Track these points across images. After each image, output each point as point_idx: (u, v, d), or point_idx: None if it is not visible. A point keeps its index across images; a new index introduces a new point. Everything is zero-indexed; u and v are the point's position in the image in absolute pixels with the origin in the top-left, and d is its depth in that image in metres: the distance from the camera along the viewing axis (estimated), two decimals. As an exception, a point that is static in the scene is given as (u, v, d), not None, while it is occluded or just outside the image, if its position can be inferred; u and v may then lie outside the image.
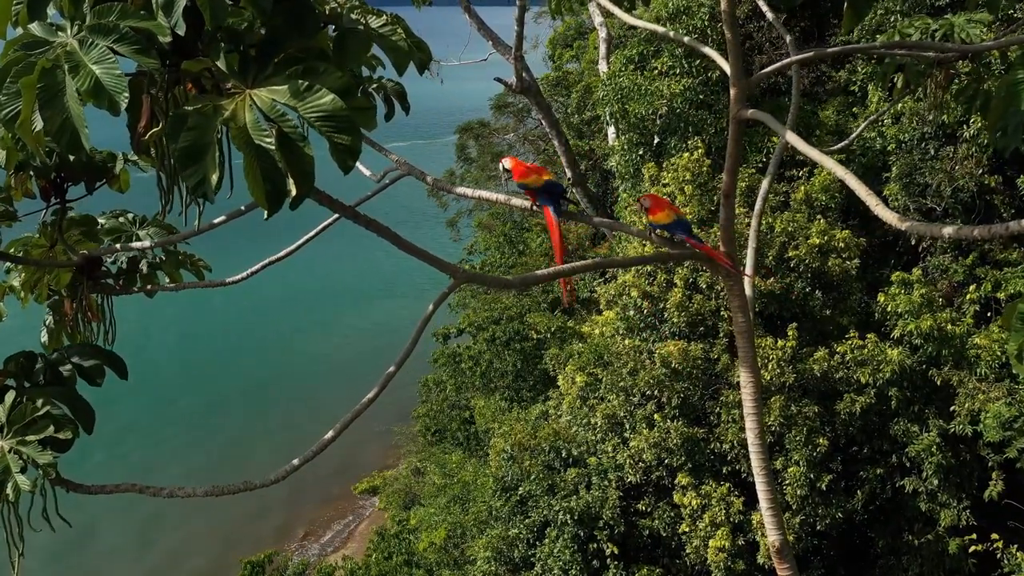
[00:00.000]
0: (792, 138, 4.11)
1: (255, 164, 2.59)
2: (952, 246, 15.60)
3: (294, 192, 2.63)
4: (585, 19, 31.20)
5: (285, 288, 41.51)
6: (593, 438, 15.26)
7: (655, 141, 17.39)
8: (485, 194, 5.62)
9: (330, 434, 3.56)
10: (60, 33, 2.73)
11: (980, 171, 15.05)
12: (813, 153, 3.97)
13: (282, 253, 5.14)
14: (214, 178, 2.61)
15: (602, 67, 20.84)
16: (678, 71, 16.80)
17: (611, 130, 18.39)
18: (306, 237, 5.29)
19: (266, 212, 2.68)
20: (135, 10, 2.69)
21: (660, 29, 6.13)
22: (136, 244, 4.35)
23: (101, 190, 4.50)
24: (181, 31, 2.72)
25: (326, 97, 2.60)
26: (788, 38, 6.85)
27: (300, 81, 2.62)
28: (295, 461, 3.56)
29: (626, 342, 15.04)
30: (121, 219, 4.95)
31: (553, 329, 19.96)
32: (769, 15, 7.01)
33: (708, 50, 5.58)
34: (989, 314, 15.12)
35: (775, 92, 17.77)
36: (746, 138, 16.62)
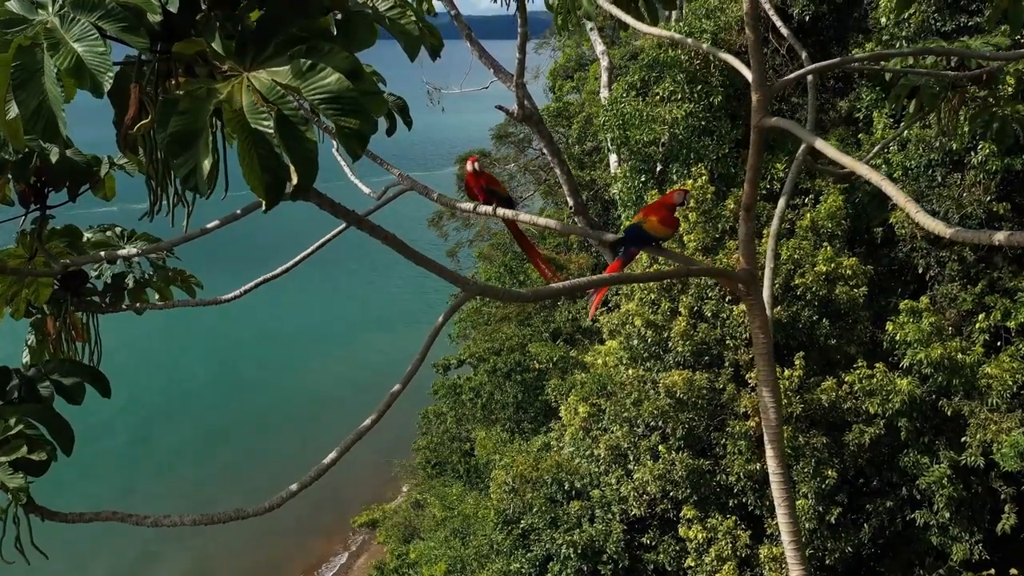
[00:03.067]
0: (821, 144, 3.87)
1: (252, 151, 2.34)
2: (960, 274, 15.39)
3: (295, 181, 2.38)
4: (586, 50, 31.21)
5: (285, 314, 41.27)
6: (596, 470, 14.99)
7: (658, 168, 17.21)
8: (483, 208, 5.42)
9: (331, 456, 3.29)
10: (41, 11, 2.50)
11: (988, 198, 14.86)
12: (845, 159, 3.73)
13: (278, 271, 4.89)
14: (206, 165, 2.35)
15: (603, 95, 20.71)
16: (680, 97, 16.65)
17: (613, 158, 18.20)
18: (304, 253, 5.04)
19: (264, 204, 2.43)
20: (123, -15, 2.46)
21: (677, 36, 5.91)
22: (122, 252, 4.07)
23: (86, 205, 4.23)
24: (174, 8, 2.49)
25: (331, 76, 2.35)
26: (804, 53, 6.64)
27: (303, 60, 2.38)
28: (293, 487, 3.28)
29: (630, 372, 14.81)
30: (108, 232, 4.69)
31: (555, 359, 19.72)
32: (783, 30, 6.81)
33: (728, 56, 5.35)
34: (999, 343, 14.88)
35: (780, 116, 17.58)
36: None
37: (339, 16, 2.77)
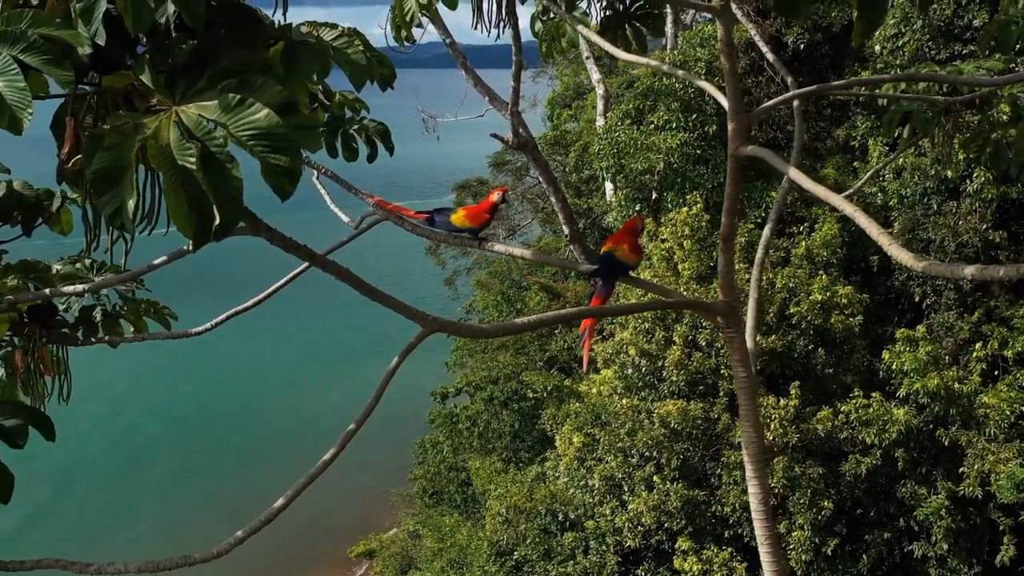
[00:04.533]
0: (796, 175, 3.79)
1: (179, 188, 2.24)
2: (957, 303, 15.30)
3: (218, 220, 2.28)
4: (584, 79, 31.28)
5: (261, 348, 40.93)
6: (591, 500, 14.83)
7: (653, 196, 17.17)
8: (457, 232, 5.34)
9: (280, 501, 3.18)
10: (-40, 45, 2.41)
11: (984, 226, 14.77)
12: (819, 190, 3.65)
13: (249, 303, 4.80)
14: (131, 205, 2.25)
15: (599, 123, 20.72)
16: (675, 125, 16.62)
17: (608, 186, 18.19)
18: (274, 287, 4.95)
19: (191, 244, 2.34)
20: (51, 18, 2.37)
21: (654, 63, 5.83)
22: (68, 288, 3.97)
23: (48, 237, 4.15)
24: (101, 40, 2.40)
25: (260, 112, 2.25)
26: (789, 79, 6.58)
27: (231, 95, 2.29)
28: (239, 533, 3.17)
29: (624, 401, 14.68)
30: (78, 265, 4.61)
31: (550, 388, 19.58)
32: (769, 56, 6.74)
33: (704, 84, 5.28)
34: (996, 372, 14.74)
35: (774, 146, 17.57)
36: (744, 192, 16.40)
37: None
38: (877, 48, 15.52)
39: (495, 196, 5.23)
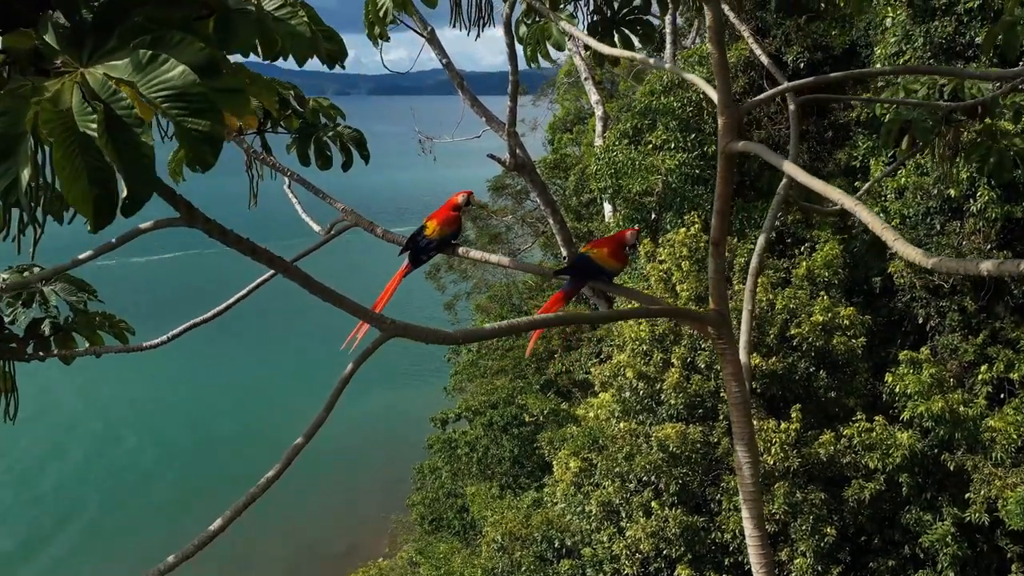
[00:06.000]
0: (789, 167, 3.52)
1: (77, 158, 1.96)
2: (961, 324, 15.03)
3: (124, 193, 2.01)
4: (584, 104, 31.22)
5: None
6: (588, 527, 14.49)
7: (652, 217, 16.94)
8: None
9: (217, 523, 2.88)
10: None
11: (989, 246, 14.53)
12: (816, 184, 3.38)
13: (208, 315, 4.52)
14: (26, 176, 1.98)
15: (597, 143, 20.54)
16: (673, 145, 16.41)
17: (607, 207, 17.96)
18: (236, 296, 4.67)
19: (90, 224, 2.05)
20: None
21: (639, 56, 5.55)
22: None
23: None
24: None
25: (175, 70, 1.97)
26: (784, 82, 6.32)
27: (143, 52, 2.02)
28: (171, 558, 2.87)
29: (621, 425, 14.38)
30: (27, 273, 4.34)
31: (546, 411, 19.32)
32: (764, 58, 6.50)
33: (692, 77, 5.00)
34: (1002, 395, 14.46)
35: (771, 168, 17.35)
36: (744, 212, 16.17)
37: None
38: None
39: (460, 197, 4.93)
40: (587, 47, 5.91)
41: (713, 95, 4.51)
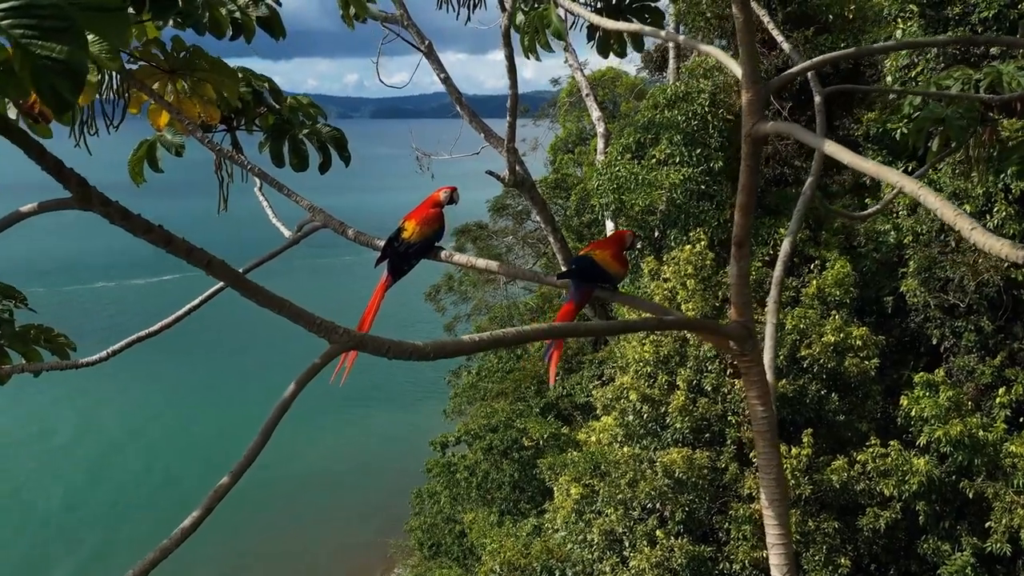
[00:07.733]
0: (832, 148, 2.98)
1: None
2: (978, 345, 14.48)
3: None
4: (586, 124, 30.81)
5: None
6: (589, 557, 13.95)
7: (655, 234, 16.43)
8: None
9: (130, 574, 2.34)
10: None
11: (1006, 264, 13.97)
12: (867, 165, 2.86)
13: (154, 328, 3.99)
14: None
15: (599, 159, 20.08)
16: (678, 159, 15.90)
17: (610, 224, 17.42)
18: (187, 308, 4.14)
19: None
20: None
21: (648, 29, 5.01)
22: None
23: None
24: None
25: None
26: (794, 56, 5.81)
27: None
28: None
29: (624, 450, 13.88)
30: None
31: (547, 435, 18.79)
32: (779, 38, 5.99)
33: (713, 49, 4.42)
34: (1021, 419, 13.90)
35: (781, 182, 16.87)
36: (751, 229, 15.63)
37: None
38: (889, 79, 14.85)
39: (442, 193, 4.34)
40: (591, 26, 5.37)
41: (734, 68, 3.95)
